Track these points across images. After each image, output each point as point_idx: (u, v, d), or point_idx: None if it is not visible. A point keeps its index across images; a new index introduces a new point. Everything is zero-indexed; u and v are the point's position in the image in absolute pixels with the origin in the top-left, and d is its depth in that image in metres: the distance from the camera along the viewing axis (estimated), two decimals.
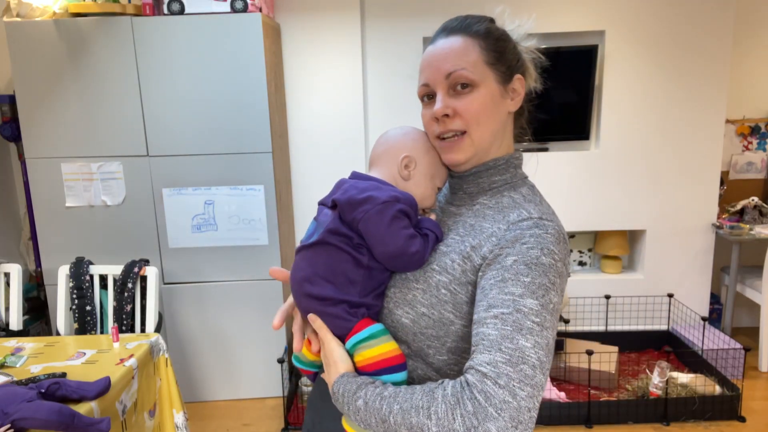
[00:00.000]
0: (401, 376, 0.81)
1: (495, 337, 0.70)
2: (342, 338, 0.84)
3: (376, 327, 0.83)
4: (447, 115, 0.84)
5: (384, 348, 0.81)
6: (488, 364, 0.68)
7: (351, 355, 0.83)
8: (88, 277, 2.45)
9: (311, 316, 0.85)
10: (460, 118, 0.84)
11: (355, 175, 0.90)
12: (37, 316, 3.20)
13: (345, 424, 0.83)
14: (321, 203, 0.89)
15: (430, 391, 0.71)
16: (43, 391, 1.44)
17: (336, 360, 0.82)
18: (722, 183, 3.39)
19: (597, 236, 3.55)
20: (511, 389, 0.67)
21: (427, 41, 3.17)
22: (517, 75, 0.88)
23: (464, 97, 0.84)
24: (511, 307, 0.71)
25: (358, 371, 0.82)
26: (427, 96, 0.88)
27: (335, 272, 0.82)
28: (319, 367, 0.97)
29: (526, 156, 1.00)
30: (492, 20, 0.90)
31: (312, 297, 0.83)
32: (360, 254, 0.82)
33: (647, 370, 2.95)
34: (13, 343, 1.96)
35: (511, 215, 0.82)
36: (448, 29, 0.88)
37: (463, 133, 0.85)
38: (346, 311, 0.82)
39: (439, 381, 0.73)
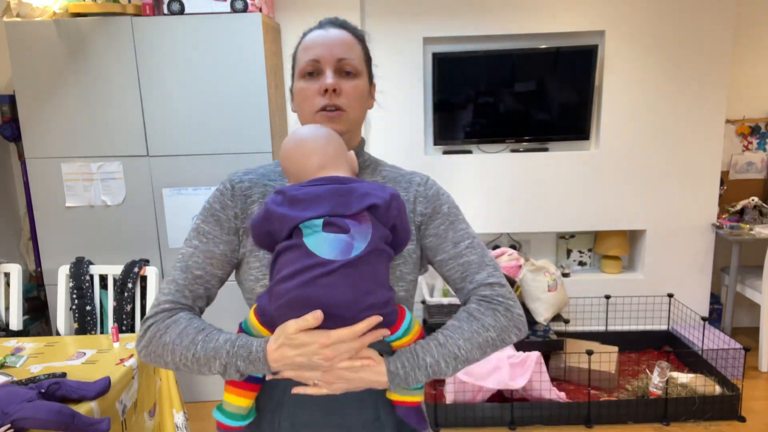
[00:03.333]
0: None
1: (477, 259, 0.94)
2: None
3: (408, 314, 0.90)
4: (335, 91, 0.93)
5: (417, 328, 0.91)
6: (489, 276, 0.93)
7: (390, 342, 0.89)
8: (88, 277, 2.45)
9: (372, 319, 0.83)
10: (344, 96, 0.94)
11: (336, 180, 0.87)
12: (37, 316, 3.19)
13: (392, 396, 0.91)
14: (333, 215, 0.83)
15: (467, 317, 0.90)
16: (43, 391, 1.44)
17: (371, 353, 0.86)
18: (722, 183, 3.39)
19: (597, 236, 3.55)
20: (503, 281, 0.94)
21: (427, 41, 3.19)
22: (373, 83, 1.04)
23: (349, 81, 0.95)
24: (469, 238, 0.96)
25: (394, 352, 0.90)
26: (310, 73, 0.95)
27: (384, 274, 0.86)
28: (245, 417, 0.92)
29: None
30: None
31: (375, 307, 0.82)
32: (390, 249, 0.88)
33: (647, 370, 2.95)
34: (13, 343, 1.96)
35: (413, 179, 1.00)
36: (337, 23, 0.99)
37: (343, 111, 0.94)
38: (393, 305, 0.87)
39: (461, 309, 0.92)
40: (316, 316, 0.79)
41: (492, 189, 3.32)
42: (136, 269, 2.43)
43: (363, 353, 0.85)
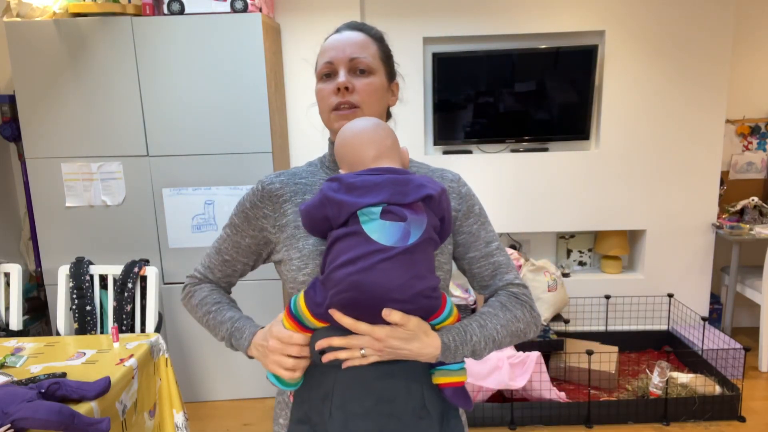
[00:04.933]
0: None
1: (505, 261, 1.04)
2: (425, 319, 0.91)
3: (449, 299, 0.95)
4: (347, 89, 0.98)
5: (455, 312, 0.96)
6: (515, 278, 1.03)
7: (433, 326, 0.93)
8: (88, 277, 2.45)
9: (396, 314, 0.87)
10: (357, 93, 0.98)
11: (393, 171, 0.91)
12: (37, 316, 3.20)
13: (439, 379, 0.95)
14: (391, 203, 0.87)
15: (501, 307, 0.99)
16: (43, 391, 1.44)
17: (426, 327, 0.91)
18: (722, 183, 3.39)
19: (597, 236, 3.55)
20: (526, 284, 1.04)
21: (427, 41, 3.19)
22: (396, 81, 1.09)
23: (362, 78, 0.99)
24: (497, 240, 1.06)
25: None
26: (326, 75, 1.01)
27: (433, 261, 0.91)
28: (294, 385, 0.97)
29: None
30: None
31: (428, 290, 0.87)
32: (438, 239, 0.92)
33: (647, 370, 2.95)
34: (13, 343, 1.96)
35: (445, 175, 1.06)
36: (352, 26, 1.04)
37: (357, 107, 0.99)
38: (439, 291, 0.92)
39: (493, 300, 1.01)
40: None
41: (492, 189, 3.32)
42: (136, 269, 2.43)
43: (417, 324, 0.88)
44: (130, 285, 2.40)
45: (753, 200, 3.29)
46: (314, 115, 1.07)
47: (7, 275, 2.49)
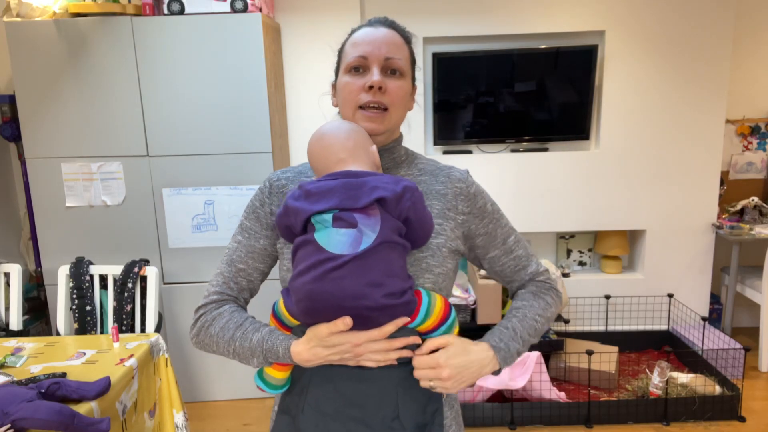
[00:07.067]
0: (453, 315, 0.94)
1: (524, 253, 1.06)
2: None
3: (425, 290, 0.91)
4: (380, 88, 0.94)
5: (440, 306, 0.91)
6: (538, 266, 1.07)
7: (416, 325, 0.90)
8: (88, 277, 2.45)
9: (399, 321, 0.87)
10: (389, 95, 0.95)
11: (349, 174, 0.88)
12: (37, 316, 3.19)
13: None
14: (342, 209, 0.85)
15: (534, 296, 1.04)
16: (43, 391, 1.44)
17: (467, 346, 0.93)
18: (722, 183, 3.39)
19: (597, 236, 3.55)
20: (546, 268, 1.09)
21: (428, 41, 3.19)
22: (415, 86, 1.05)
23: (394, 80, 0.96)
24: (514, 233, 1.06)
25: (423, 335, 0.92)
26: (356, 68, 0.96)
27: (397, 265, 0.86)
28: (282, 387, 0.96)
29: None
30: None
31: (390, 297, 0.84)
32: (405, 240, 0.89)
33: (647, 370, 2.95)
34: (13, 343, 1.96)
35: (452, 174, 1.02)
36: (387, 23, 1.01)
37: (386, 109, 0.96)
38: (411, 295, 0.87)
39: (525, 292, 1.05)
40: (345, 323, 0.83)
41: (492, 189, 3.32)
42: (136, 269, 2.43)
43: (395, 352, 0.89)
44: (130, 285, 2.40)
45: (753, 200, 3.29)
46: (327, 105, 1.04)
47: (7, 275, 2.49)
